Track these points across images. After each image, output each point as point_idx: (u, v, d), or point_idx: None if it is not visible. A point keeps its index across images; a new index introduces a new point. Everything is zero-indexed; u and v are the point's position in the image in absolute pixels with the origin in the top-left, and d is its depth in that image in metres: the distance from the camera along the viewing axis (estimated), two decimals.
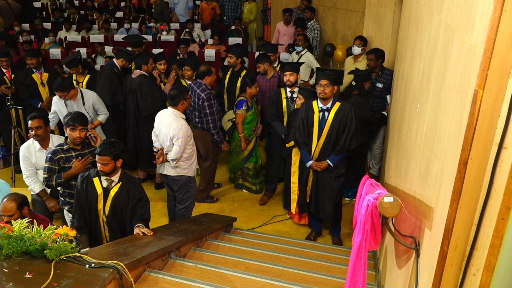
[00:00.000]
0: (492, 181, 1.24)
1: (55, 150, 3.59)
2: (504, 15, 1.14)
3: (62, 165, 3.58)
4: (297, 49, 6.29)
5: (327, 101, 4.02)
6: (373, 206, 2.21)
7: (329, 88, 3.94)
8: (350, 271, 2.40)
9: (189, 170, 4.14)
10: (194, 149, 4.15)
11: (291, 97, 4.75)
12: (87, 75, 5.49)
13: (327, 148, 4.10)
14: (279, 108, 4.79)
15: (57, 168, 3.57)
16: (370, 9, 5.93)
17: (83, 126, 3.57)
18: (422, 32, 2.68)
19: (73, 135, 3.54)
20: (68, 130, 3.57)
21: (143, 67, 5.15)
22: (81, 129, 3.55)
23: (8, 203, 2.94)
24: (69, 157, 3.59)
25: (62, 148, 3.61)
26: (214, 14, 10.35)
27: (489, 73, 1.19)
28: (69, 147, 3.61)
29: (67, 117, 3.57)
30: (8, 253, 2.24)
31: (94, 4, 12.11)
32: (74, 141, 3.57)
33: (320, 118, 4.05)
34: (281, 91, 4.81)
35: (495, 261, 1.26)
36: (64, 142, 3.66)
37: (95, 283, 2.13)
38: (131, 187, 3.29)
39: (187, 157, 4.06)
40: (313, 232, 4.58)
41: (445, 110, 1.71)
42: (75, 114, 3.59)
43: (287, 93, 4.76)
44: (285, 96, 4.76)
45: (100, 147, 3.16)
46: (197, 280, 2.88)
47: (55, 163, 3.56)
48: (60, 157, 3.57)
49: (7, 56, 5.56)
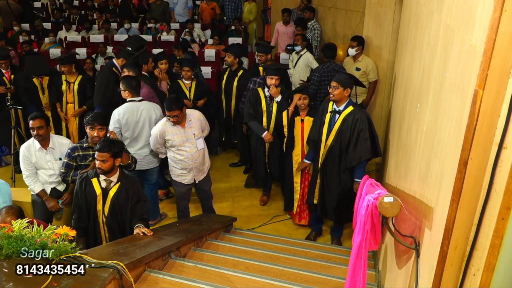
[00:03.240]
0: (492, 181, 1.24)
1: (74, 147, 3.72)
2: (504, 15, 1.14)
3: (79, 163, 3.67)
4: (296, 49, 6.28)
5: (339, 103, 3.90)
6: (373, 206, 2.21)
7: (337, 90, 3.81)
8: (350, 271, 2.40)
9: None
10: (183, 158, 4.08)
11: (270, 96, 4.69)
12: (79, 75, 5.49)
13: (335, 153, 3.94)
14: (258, 108, 4.73)
15: (74, 164, 3.68)
16: (370, 9, 5.93)
17: (101, 126, 3.62)
18: (422, 32, 2.68)
19: (92, 134, 3.61)
20: (87, 129, 3.65)
21: (144, 67, 5.13)
22: (100, 129, 3.60)
23: (6, 216, 2.95)
24: (86, 155, 3.67)
25: (81, 145, 3.72)
26: (214, 14, 10.35)
27: (489, 73, 1.19)
28: (88, 145, 3.70)
29: (87, 116, 3.68)
30: (8, 253, 2.24)
31: (94, 4, 12.11)
32: (92, 139, 3.62)
33: (331, 119, 3.96)
34: (259, 91, 4.75)
35: (495, 261, 1.26)
36: (85, 140, 3.76)
37: (95, 283, 2.13)
38: (130, 187, 3.30)
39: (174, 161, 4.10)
40: (313, 232, 4.57)
41: (445, 110, 1.71)
42: (95, 113, 3.70)
43: (265, 93, 4.71)
44: (263, 96, 4.72)
45: (100, 144, 3.19)
46: (197, 280, 2.88)
47: (73, 159, 3.67)
48: (78, 155, 3.67)
49: (7, 58, 5.58)
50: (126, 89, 4.35)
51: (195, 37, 8.86)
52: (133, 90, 4.34)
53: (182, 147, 4.00)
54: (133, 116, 4.31)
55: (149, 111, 4.39)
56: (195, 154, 4.06)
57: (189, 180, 4.18)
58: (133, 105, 4.33)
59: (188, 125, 4.01)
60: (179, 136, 3.97)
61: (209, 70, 7.02)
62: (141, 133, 4.37)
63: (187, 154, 4.02)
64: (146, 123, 4.35)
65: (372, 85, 5.72)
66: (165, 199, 5.35)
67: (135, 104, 4.34)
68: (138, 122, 4.33)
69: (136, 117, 4.32)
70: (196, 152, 4.05)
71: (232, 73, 5.41)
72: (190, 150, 4.01)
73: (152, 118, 4.38)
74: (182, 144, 3.99)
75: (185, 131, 3.99)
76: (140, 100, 4.38)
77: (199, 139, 4.08)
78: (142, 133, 4.37)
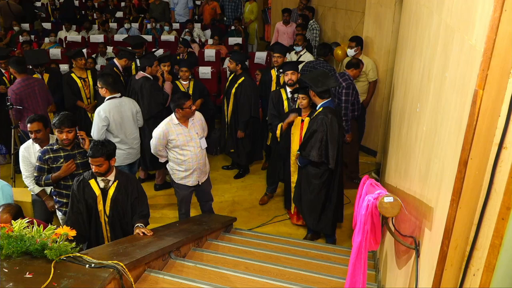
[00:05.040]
0: (492, 181, 1.23)
1: (44, 150, 3.58)
2: (504, 15, 1.14)
3: (50, 165, 3.55)
4: (296, 49, 6.28)
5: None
6: (373, 206, 2.21)
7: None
8: (350, 271, 2.40)
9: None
10: (187, 159, 4.05)
11: (292, 98, 4.74)
12: (87, 70, 5.65)
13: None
14: (280, 109, 4.77)
15: (46, 167, 3.55)
16: (370, 9, 5.93)
17: (70, 128, 3.50)
18: (422, 32, 2.68)
19: (61, 137, 3.51)
20: (56, 132, 3.55)
21: (147, 69, 5.08)
22: (68, 131, 3.49)
23: (1, 214, 2.96)
24: (57, 157, 3.56)
25: (52, 148, 3.58)
26: (214, 14, 10.35)
27: (489, 73, 1.19)
28: (58, 147, 3.58)
29: (54, 119, 3.53)
30: (8, 253, 2.24)
31: (94, 4, 12.11)
32: (62, 142, 3.54)
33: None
34: (281, 92, 4.79)
35: (495, 261, 1.26)
36: (55, 142, 3.64)
37: (95, 283, 2.13)
38: (128, 184, 3.31)
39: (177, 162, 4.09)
40: (309, 234, 4.55)
41: (445, 110, 1.71)
42: (62, 115, 3.52)
43: (288, 94, 4.75)
44: (286, 97, 4.75)
45: (92, 149, 3.14)
46: (197, 280, 2.88)
47: (44, 162, 3.54)
48: (49, 157, 3.55)
49: (6, 59, 5.60)
50: (104, 86, 4.42)
51: (195, 37, 8.87)
52: (111, 87, 4.44)
53: (186, 147, 3.98)
54: (118, 112, 4.41)
55: (131, 106, 4.55)
56: (199, 154, 4.06)
57: (193, 182, 4.16)
58: (115, 101, 4.43)
59: (192, 125, 4.02)
60: (183, 136, 3.97)
61: (209, 70, 7.02)
62: (126, 129, 4.52)
63: (190, 154, 4.01)
64: (131, 119, 4.53)
65: (372, 85, 5.72)
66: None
67: (117, 100, 4.45)
68: (124, 119, 4.46)
69: (121, 113, 4.44)
70: (200, 151, 4.06)
71: (235, 78, 5.38)
72: (194, 149, 4.01)
73: (133, 112, 4.55)
74: (186, 143, 3.98)
75: (189, 130, 4.00)
76: (120, 97, 4.50)
77: (202, 139, 4.10)
78: (126, 129, 4.52)
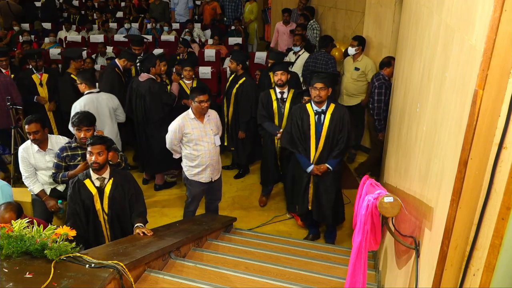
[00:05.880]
0: (492, 181, 1.24)
1: (63, 147, 3.69)
2: (504, 15, 1.14)
3: (68, 163, 3.66)
4: (295, 49, 6.27)
5: (321, 104, 3.99)
6: (373, 206, 2.21)
7: (324, 91, 3.92)
8: (350, 271, 2.40)
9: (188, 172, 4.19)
10: (200, 154, 4.06)
11: (281, 98, 4.71)
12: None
13: (325, 152, 4.04)
14: (270, 110, 4.73)
15: (63, 164, 3.66)
16: (370, 9, 5.93)
17: (88, 127, 3.60)
18: (422, 32, 2.68)
19: (79, 135, 3.61)
20: (74, 130, 3.65)
21: (151, 70, 5.03)
22: (87, 130, 3.59)
23: (5, 212, 2.96)
24: (74, 155, 3.66)
25: (70, 145, 3.69)
26: (215, 14, 10.35)
27: (489, 73, 1.19)
28: (76, 145, 3.68)
29: (74, 117, 3.65)
30: (8, 253, 2.24)
31: (94, 4, 12.11)
32: (80, 140, 3.62)
33: (316, 121, 4.00)
34: (270, 93, 4.75)
35: (495, 261, 1.26)
36: (73, 140, 3.74)
37: (95, 283, 2.13)
38: (124, 181, 3.31)
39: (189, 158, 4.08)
40: (310, 235, 4.55)
41: (445, 110, 1.71)
42: (82, 114, 3.67)
43: (277, 94, 4.71)
44: (275, 98, 4.72)
45: (92, 139, 3.21)
46: (197, 280, 2.88)
47: (62, 159, 3.66)
48: (67, 155, 3.66)
49: (5, 56, 5.61)
50: (82, 81, 4.47)
51: (195, 37, 8.87)
52: (89, 82, 4.49)
53: (200, 142, 4.00)
54: (94, 107, 4.40)
55: (108, 101, 4.55)
56: (212, 150, 4.07)
57: (206, 179, 4.17)
58: (92, 96, 4.46)
59: (207, 121, 4.05)
60: (198, 130, 3.98)
61: (209, 70, 7.02)
62: (103, 125, 4.49)
63: (204, 150, 4.02)
64: (107, 114, 4.51)
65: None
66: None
67: (94, 95, 4.47)
68: (100, 114, 4.44)
69: (97, 108, 4.42)
70: (213, 148, 4.07)
71: (236, 78, 5.36)
72: (208, 145, 4.03)
73: (110, 108, 4.55)
74: (200, 138, 3.99)
75: (204, 126, 4.01)
76: (98, 92, 4.52)
77: (216, 136, 4.12)
78: (104, 125, 4.50)
